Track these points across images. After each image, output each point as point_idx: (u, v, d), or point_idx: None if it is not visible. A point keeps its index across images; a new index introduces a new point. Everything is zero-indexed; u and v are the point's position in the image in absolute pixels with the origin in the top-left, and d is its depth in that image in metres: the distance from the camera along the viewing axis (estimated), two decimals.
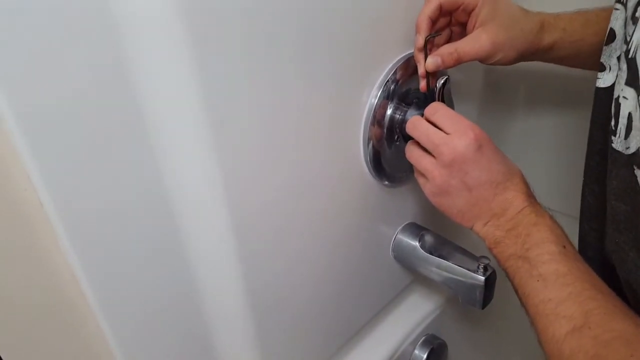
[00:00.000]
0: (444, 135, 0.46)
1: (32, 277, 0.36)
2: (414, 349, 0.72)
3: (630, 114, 0.37)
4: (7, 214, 0.33)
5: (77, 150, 0.33)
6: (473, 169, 0.46)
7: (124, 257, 0.39)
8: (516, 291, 0.44)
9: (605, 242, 0.46)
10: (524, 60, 0.55)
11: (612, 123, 0.40)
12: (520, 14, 0.52)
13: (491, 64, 0.52)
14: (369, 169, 0.56)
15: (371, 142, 0.54)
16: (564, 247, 0.42)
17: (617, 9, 0.42)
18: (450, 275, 0.60)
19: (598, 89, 0.45)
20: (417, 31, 0.50)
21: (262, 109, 0.42)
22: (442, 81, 0.50)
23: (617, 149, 0.40)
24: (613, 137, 0.40)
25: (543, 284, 0.40)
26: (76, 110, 0.32)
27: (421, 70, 0.51)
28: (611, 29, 0.43)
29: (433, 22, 0.50)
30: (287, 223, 0.49)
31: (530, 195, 0.47)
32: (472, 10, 0.50)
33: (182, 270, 0.43)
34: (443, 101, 0.51)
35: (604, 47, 0.44)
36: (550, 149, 0.84)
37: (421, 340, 0.72)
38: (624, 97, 0.38)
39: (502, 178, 0.46)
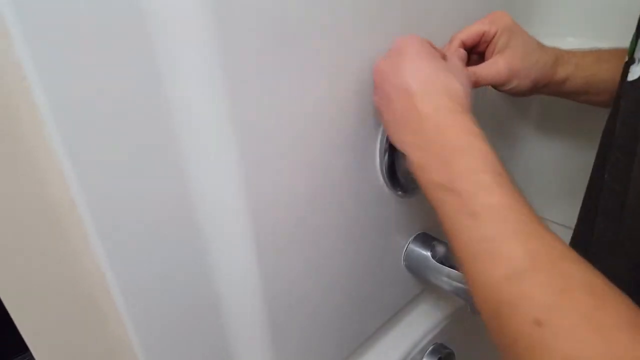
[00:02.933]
0: None
1: (63, 277, 0.37)
2: (422, 357, 0.73)
3: None
4: (41, 215, 0.34)
5: (112, 154, 0.35)
6: (391, 76, 0.43)
7: (150, 263, 0.40)
8: (441, 225, 0.38)
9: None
10: (538, 93, 0.57)
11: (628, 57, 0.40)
12: (537, 46, 0.54)
13: (506, 92, 0.54)
14: (384, 179, 0.57)
15: (387, 152, 0.55)
16: (499, 175, 0.36)
17: None
18: (461, 285, 0.61)
19: (626, 83, 0.44)
20: None
21: (285, 118, 0.43)
22: None
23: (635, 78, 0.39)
24: (632, 67, 0.40)
25: (474, 222, 0.34)
26: (113, 115, 0.34)
27: None
28: None
29: None
30: (304, 231, 0.50)
31: (457, 112, 0.40)
32: (492, 39, 0.52)
33: (204, 276, 0.45)
34: None
35: (633, 40, 0.45)
36: (563, 164, 0.85)
37: (429, 349, 0.73)
38: None
39: (420, 87, 0.41)
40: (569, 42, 0.77)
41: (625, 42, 0.48)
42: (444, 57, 0.46)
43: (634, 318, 0.28)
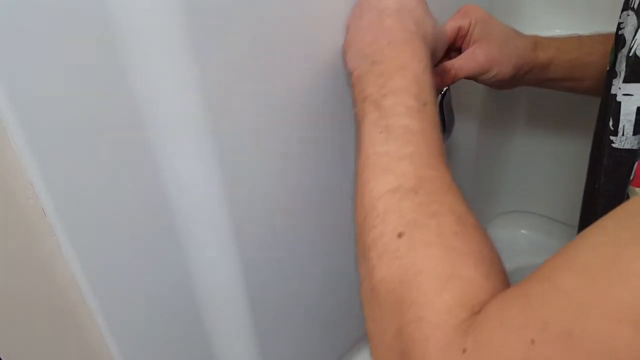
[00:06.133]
0: None
1: (36, 284, 0.36)
2: None
3: (639, 108, 0.38)
4: (11, 222, 0.33)
5: (79, 157, 0.34)
6: None
7: (125, 265, 0.39)
8: (357, 140, 0.39)
9: None
10: (522, 82, 0.56)
11: (611, 123, 0.40)
12: (513, 32, 0.54)
13: (489, 83, 0.54)
14: None
15: None
16: (425, 104, 0.37)
17: (628, 15, 0.43)
18: None
19: (608, 95, 0.45)
20: None
21: (266, 113, 0.42)
22: (443, 91, 0.51)
23: (621, 147, 0.40)
24: (614, 138, 0.40)
25: (385, 136, 0.35)
26: (78, 117, 0.33)
27: None
28: (621, 35, 0.44)
29: None
30: (289, 231, 0.50)
31: (416, 39, 0.40)
32: (467, 32, 0.52)
33: (184, 276, 0.44)
34: (443, 113, 0.52)
35: (617, 54, 0.45)
36: (552, 159, 0.84)
37: None
38: (624, 94, 0.39)
39: (395, 6, 0.41)
40: (557, 35, 0.77)
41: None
42: None
43: (486, 253, 0.30)
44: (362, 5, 0.43)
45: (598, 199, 0.45)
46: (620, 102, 0.39)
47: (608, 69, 0.46)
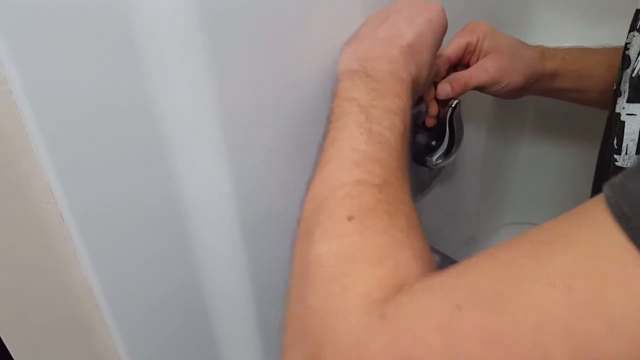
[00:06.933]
0: None
1: (50, 286, 0.37)
2: None
3: None
4: (29, 226, 0.34)
5: (96, 164, 0.34)
6: (405, 11, 0.43)
7: (137, 269, 0.40)
8: (328, 132, 0.39)
9: None
10: (530, 92, 0.57)
11: (615, 142, 0.41)
12: (520, 44, 0.55)
13: (499, 94, 0.55)
14: None
15: None
16: (404, 132, 0.38)
17: (634, 36, 0.44)
18: None
19: (612, 114, 0.46)
20: None
21: (275, 114, 0.43)
22: (453, 105, 0.52)
23: (624, 166, 0.40)
24: (617, 156, 0.41)
25: (366, 138, 0.36)
26: (97, 124, 0.33)
27: (430, 96, 0.53)
28: (627, 55, 0.45)
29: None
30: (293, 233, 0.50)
31: (410, 74, 0.41)
32: (475, 47, 0.53)
33: (193, 280, 0.44)
34: (452, 126, 0.52)
35: (622, 73, 0.46)
36: (558, 171, 0.85)
37: None
38: (627, 114, 0.39)
39: (413, 40, 0.41)
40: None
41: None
42: None
43: (427, 257, 0.30)
44: (388, 17, 0.43)
45: None
46: (624, 122, 0.39)
47: (615, 87, 0.47)
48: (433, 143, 0.55)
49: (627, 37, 0.45)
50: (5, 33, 0.28)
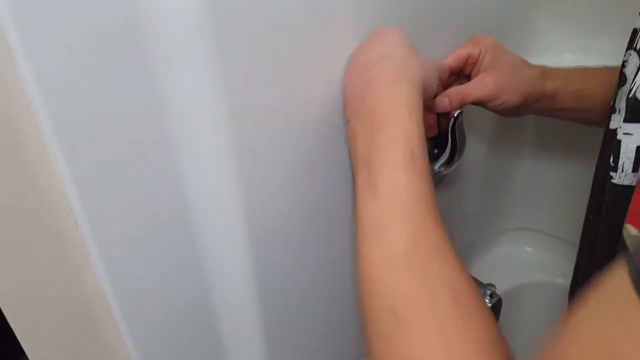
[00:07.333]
0: None
1: (64, 293, 0.38)
2: None
3: (639, 147, 0.39)
4: (45, 233, 0.35)
5: (111, 173, 0.35)
6: (365, 49, 0.43)
7: (148, 274, 0.41)
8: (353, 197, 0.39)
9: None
10: (529, 111, 0.58)
11: (612, 159, 0.41)
12: (522, 62, 0.56)
13: (497, 110, 0.55)
14: None
15: None
16: (412, 154, 0.36)
17: (630, 55, 0.45)
18: None
19: (607, 130, 0.47)
20: None
21: (283, 124, 0.44)
22: (456, 114, 0.53)
23: (620, 183, 0.41)
24: (614, 174, 0.41)
25: (374, 197, 0.35)
26: (110, 131, 0.34)
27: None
28: (623, 72, 0.45)
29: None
30: (301, 247, 0.51)
31: (404, 89, 0.39)
32: (477, 60, 0.54)
33: (201, 285, 0.45)
34: (454, 135, 0.53)
35: (618, 91, 0.47)
36: (557, 179, 0.86)
37: None
38: (624, 133, 0.40)
39: (381, 60, 0.41)
40: (566, 58, 0.79)
41: (620, 60, 0.49)
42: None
43: (487, 340, 0.29)
44: (352, 59, 0.44)
45: (599, 226, 0.46)
46: (620, 140, 0.40)
47: (612, 104, 0.47)
48: (435, 151, 0.56)
49: (625, 55, 0.46)
50: (20, 33, 0.29)
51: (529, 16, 0.76)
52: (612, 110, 0.46)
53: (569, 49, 0.78)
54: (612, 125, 0.46)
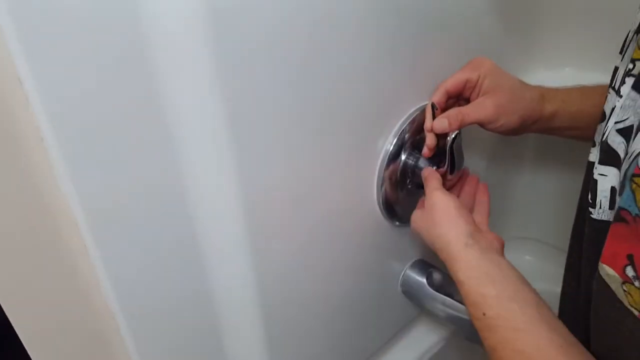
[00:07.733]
0: None
1: (65, 290, 0.39)
2: None
3: (613, 188, 0.40)
4: (54, 249, 0.37)
5: (115, 184, 0.36)
6: (429, 228, 0.52)
7: (151, 281, 0.42)
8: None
9: None
10: (528, 131, 0.58)
11: (589, 196, 0.42)
12: (520, 84, 0.57)
13: (496, 130, 0.56)
14: (381, 210, 0.59)
15: (384, 185, 0.57)
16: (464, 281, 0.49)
17: (609, 93, 0.45)
18: (455, 313, 0.63)
19: (588, 162, 0.48)
20: (426, 111, 0.55)
21: (285, 150, 0.45)
22: (453, 136, 0.54)
23: (599, 218, 0.42)
24: (592, 209, 0.42)
25: (520, 334, 0.43)
26: (111, 132, 0.35)
27: (428, 124, 0.55)
28: (603, 110, 0.46)
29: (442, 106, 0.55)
30: (305, 259, 0.53)
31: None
32: (475, 84, 0.55)
33: (204, 290, 0.47)
34: (452, 155, 0.54)
35: (598, 125, 0.47)
36: (556, 190, 0.86)
37: None
38: (599, 174, 0.41)
39: (454, 236, 0.50)
40: (567, 72, 0.79)
41: None
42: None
43: None
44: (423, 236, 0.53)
45: (582, 253, 0.48)
46: (596, 180, 0.41)
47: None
48: (435, 168, 0.57)
49: (608, 90, 0.46)
50: (21, 36, 0.29)
51: (529, 30, 0.77)
52: (592, 143, 0.46)
53: (569, 63, 0.78)
54: (590, 158, 0.47)
